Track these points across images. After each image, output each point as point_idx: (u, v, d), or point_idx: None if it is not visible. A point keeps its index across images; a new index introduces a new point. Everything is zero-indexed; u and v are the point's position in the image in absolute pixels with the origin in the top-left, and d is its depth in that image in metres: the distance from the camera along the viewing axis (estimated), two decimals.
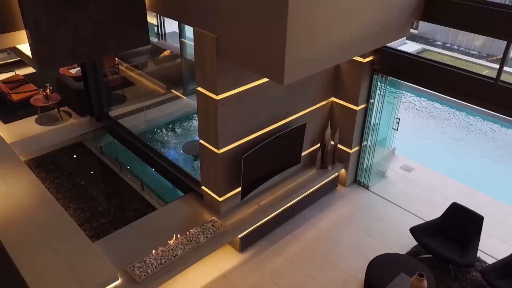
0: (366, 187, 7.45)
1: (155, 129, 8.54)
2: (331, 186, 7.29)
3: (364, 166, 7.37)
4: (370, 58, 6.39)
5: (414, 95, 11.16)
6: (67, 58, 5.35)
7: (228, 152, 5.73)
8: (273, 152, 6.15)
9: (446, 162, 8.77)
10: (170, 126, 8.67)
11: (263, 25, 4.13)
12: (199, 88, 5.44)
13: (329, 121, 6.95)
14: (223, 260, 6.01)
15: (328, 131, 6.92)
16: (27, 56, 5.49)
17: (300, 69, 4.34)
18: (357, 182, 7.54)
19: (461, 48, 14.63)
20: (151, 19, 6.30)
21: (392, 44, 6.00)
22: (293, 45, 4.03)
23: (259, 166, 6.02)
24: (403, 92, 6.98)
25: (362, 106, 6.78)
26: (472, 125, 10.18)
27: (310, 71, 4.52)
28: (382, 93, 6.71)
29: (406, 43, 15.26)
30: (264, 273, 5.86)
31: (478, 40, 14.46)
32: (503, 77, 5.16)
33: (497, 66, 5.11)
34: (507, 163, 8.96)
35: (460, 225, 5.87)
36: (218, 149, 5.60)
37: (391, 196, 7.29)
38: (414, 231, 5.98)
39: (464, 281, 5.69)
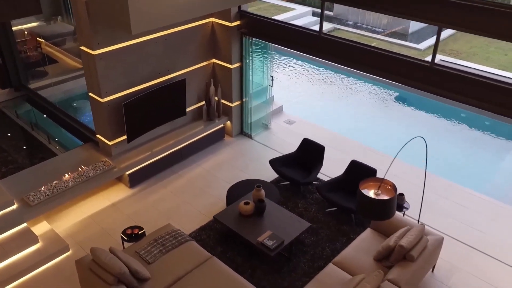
0: (250, 137, 8.71)
1: (70, 98, 9.54)
2: (219, 136, 8.51)
3: (248, 119, 8.62)
4: (237, 22, 7.62)
5: (309, 64, 12.58)
6: None
7: (112, 101, 6.84)
8: (156, 103, 7.29)
9: (326, 116, 10.25)
10: (85, 95, 9.67)
11: None
12: (82, 47, 6.52)
13: (212, 79, 8.16)
14: (114, 194, 7.13)
15: (212, 88, 8.12)
16: None
17: (147, 22, 5.47)
18: (243, 133, 8.80)
19: (368, 27, 16.21)
20: None
21: (306, 24, 7.30)
22: (135, 3, 5.17)
23: (142, 114, 7.14)
24: (274, 52, 8.28)
25: (237, 65, 8.01)
26: (356, 86, 11.71)
27: (157, 24, 5.67)
28: (251, 53, 7.97)
29: None
30: (147, 201, 7.02)
31: (383, 20, 16.08)
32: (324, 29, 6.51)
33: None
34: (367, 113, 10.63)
35: (308, 155, 7.22)
36: (102, 98, 6.70)
37: (270, 143, 8.58)
38: (272, 162, 7.27)
39: (309, 199, 7.03)
